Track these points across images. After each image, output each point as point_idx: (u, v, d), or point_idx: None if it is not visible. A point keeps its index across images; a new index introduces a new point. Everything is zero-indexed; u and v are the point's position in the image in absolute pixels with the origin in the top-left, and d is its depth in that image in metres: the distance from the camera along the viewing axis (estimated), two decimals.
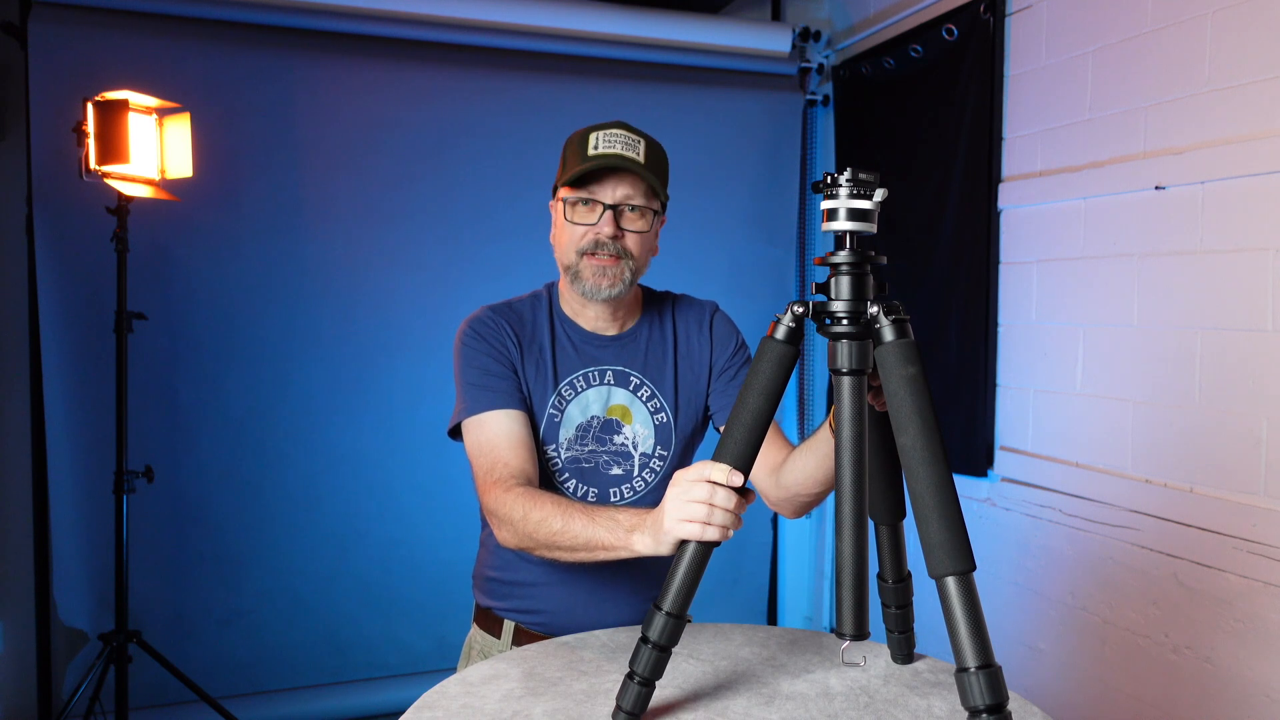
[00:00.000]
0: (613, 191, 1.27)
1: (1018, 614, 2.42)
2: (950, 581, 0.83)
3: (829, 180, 0.93)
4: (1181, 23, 1.93)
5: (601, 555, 1.10)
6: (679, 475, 0.99)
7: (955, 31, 2.59)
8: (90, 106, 2.24)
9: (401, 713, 0.97)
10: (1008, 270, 2.47)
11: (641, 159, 1.27)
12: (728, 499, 0.95)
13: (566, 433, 1.34)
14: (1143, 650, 2.03)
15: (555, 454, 1.34)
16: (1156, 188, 1.97)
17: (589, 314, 1.36)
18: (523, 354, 1.33)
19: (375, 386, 2.86)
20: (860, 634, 0.94)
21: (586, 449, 1.35)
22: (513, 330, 1.33)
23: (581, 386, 1.35)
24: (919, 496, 0.86)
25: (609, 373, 1.37)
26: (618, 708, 0.94)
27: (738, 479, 0.96)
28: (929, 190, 2.71)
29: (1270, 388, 1.76)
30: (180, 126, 2.36)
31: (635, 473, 1.36)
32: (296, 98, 2.75)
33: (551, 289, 1.42)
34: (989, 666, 0.81)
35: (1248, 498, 1.79)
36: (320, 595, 2.84)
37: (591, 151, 1.26)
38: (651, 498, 1.36)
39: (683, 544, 0.96)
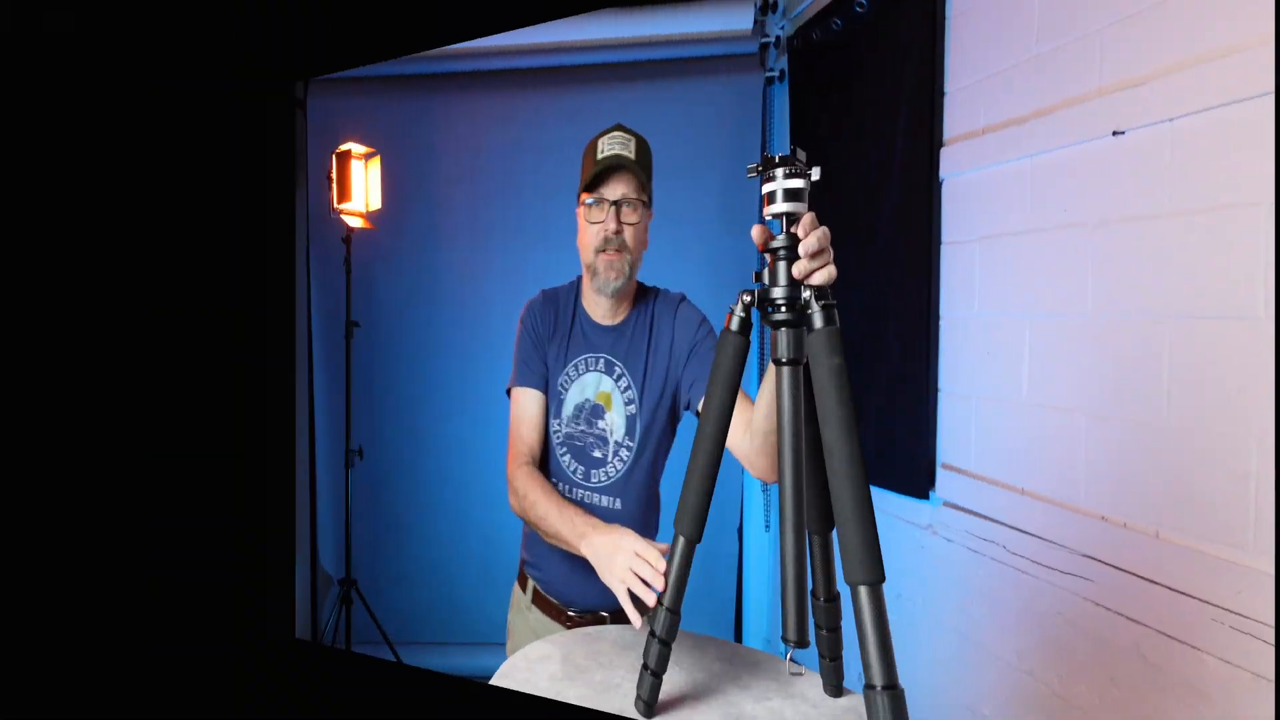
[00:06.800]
0: (614, 190, 1.41)
1: (959, 670, 1.93)
2: (863, 591, 0.83)
3: (765, 163, 0.92)
4: None
5: (562, 545, 1.33)
6: (623, 542, 1.19)
7: None
8: (334, 158, 2.93)
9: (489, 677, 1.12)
10: (949, 251, 2.00)
11: (633, 156, 1.40)
12: (650, 574, 1.12)
13: (567, 411, 1.49)
14: None
15: (557, 430, 1.49)
16: (1114, 133, 1.50)
17: (600, 307, 1.50)
18: (553, 338, 1.50)
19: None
20: (802, 641, 0.94)
21: (579, 429, 1.49)
22: (550, 317, 1.51)
23: (581, 370, 1.49)
24: (840, 498, 0.85)
25: (601, 360, 1.49)
26: (638, 696, 1.01)
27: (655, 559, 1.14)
28: (872, 161, 2.26)
29: (1261, 397, 1.27)
30: (375, 167, 3.03)
31: (609, 459, 1.49)
32: (453, 132, 3.24)
33: (579, 279, 1.55)
34: (893, 688, 0.81)
35: (1231, 551, 1.31)
36: (492, 559, 3.21)
37: (599, 156, 1.41)
38: (620, 485, 1.48)
39: (674, 539, 1.03)
